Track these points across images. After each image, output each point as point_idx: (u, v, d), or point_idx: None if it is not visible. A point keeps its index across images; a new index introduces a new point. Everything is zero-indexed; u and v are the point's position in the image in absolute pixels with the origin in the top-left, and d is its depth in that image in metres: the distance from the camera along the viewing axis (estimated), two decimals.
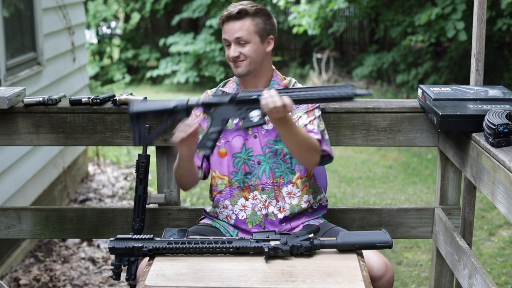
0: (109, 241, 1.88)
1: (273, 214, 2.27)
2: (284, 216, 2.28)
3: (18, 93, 2.60)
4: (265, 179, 2.27)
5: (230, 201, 2.30)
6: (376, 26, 11.20)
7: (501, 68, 9.03)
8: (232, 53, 2.22)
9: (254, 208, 2.28)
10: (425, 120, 2.57)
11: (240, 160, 2.28)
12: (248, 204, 2.28)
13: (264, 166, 2.26)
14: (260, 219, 2.28)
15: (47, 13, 4.88)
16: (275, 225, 2.28)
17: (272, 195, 2.27)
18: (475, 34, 2.50)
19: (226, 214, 2.31)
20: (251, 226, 2.28)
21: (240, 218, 2.28)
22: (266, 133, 2.27)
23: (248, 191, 2.27)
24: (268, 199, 2.27)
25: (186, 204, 5.26)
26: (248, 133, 2.27)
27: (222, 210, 2.32)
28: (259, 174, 2.27)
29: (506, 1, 6.68)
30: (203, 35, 11.45)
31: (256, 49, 2.22)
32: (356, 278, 1.72)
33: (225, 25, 2.24)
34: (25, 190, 4.24)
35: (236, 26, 2.21)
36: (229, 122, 2.22)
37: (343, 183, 5.83)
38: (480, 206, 5.03)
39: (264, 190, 2.27)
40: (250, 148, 2.27)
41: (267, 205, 2.27)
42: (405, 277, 3.88)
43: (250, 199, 2.27)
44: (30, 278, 3.80)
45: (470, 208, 2.58)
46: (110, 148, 7.06)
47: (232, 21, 2.22)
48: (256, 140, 2.27)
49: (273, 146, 2.27)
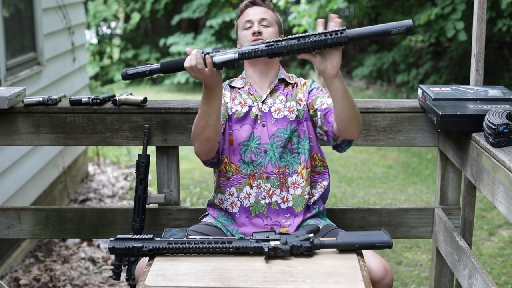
0: (109, 241, 1.88)
1: (276, 203, 2.28)
2: (287, 206, 2.29)
3: (18, 93, 2.60)
4: (270, 167, 2.28)
5: (236, 188, 2.31)
6: None
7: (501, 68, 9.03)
8: (256, 28, 2.31)
9: (257, 196, 2.29)
10: (425, 120, 2.57)
11: (247, 148, 2.29)
12: (252, 192, 2.29)
13: (271, 155, 2.28)
14: (263, 208, 2.29)
15: (47, 13, 4.88)
16: (278, 214, 2.28)
17: (276, 184, 2.28)
18: (475, 34, 2.50)
19: (231, 201, 2.32)
20: (254, 215, 2.29)
21: (244, 205, 2.30)
22: (276, 122, 2.29)
23: (253, 179, 2.29)
24: (272, 188, 2.28)
25: (186, 204, 5.26)
26: (257, 122, 2.30)
27: (228, 197, 2.32)
28: (264, 163, 2.28)
29: (506, 2, 6.68)
30: (204, 35, 11.45)
31: (275, 35, 2.35)
32: (356, 278, 1.72)
33: (249, 9, 2.38)
34: (25, 190, 4.24)
35: (262, 9, 2.37)
36: (237, 110, 2.29)
37: (343, 183, 5.83)
38: (480, 206, 5.03)
39: (268, 179, 2.28)
40: (258, 136, 2.29)
41: (271, 194, 2.28)
42: (405, 277, 3.88)
43: (254, 187, 2.29)
44: (30, 278, 3.80)
45: (470, 208, 2.58)
46: (110, 148, 7.06)
47: (257, 5, 2.38)
48: (264, 129, 2.29)
49: (283, 135, 2.28)
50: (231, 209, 2.32)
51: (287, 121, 2.30)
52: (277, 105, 2.32)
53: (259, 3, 2.38)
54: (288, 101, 2.33)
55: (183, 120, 2.57)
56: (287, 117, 2.30)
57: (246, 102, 2.33)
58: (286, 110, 2.31)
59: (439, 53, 10.61)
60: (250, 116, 2.31)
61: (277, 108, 2.31)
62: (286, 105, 2.32)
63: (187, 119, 2.56)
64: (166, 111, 2.56)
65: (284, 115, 2.30)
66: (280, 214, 2.29)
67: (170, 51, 11.51)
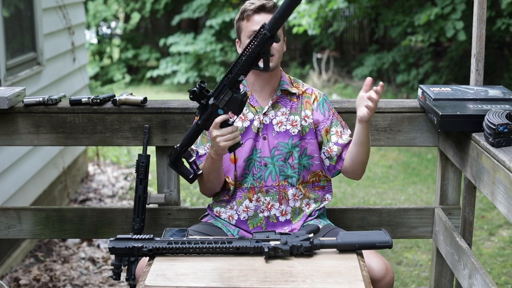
0: (109, 241, 1.88)
1: (275, 216, 2.27)
2: (285, 219, 2.28)
3: (18, 93, 2.60)
4: (270, 181, 2.25)
5: (237, 201, 2.29)
6: (376, 26, 11.20)
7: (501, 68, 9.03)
8: None
9: (256, 210, 2.27)
10: (425, 120, 2.57)
11: (252, 162, 2.26)
12: (251, 206, 2.27)
13: (271, 169, 2.25)
14: (261, 221, 2.27)
15: (47, 13, 4.88)
16: (275, 227, 2.27)
17: (276, 198, 2.26)
18: (475, 34, 2.50)
19: (229, 214, 2.31)
20: (251, 228, 2.28)
21: (241, 219, 2.28)
22: (277, 135, 2.25)
23: (253, 192, 2.27)
24: (271, 202, 2.26)
25: (186, 204, 5.26)
26: (258, 134, 2.25)
27: (228, 210, 2.31)
28: (264, 177, 2.25)
29: (506, 1, 6.68)
30: (204, 35, 11.45)
31: (283, 45, 2.25)
32: (356, 278, 1.72)
33: (257, 16, 2.17)
34: (25, 190, 4.24)
35: (266, 17, 2.12)
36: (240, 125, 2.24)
37: (343, 183, 5.83)
38: (480, 206, 5.03)
39: (268, 192, 2.26)
40: (260, 149, 2.25)
41: (270, 208, 2.27)
42: (405, 277, 3.88)
43: (253, 201, 2.27)
44: (30, 278, 3.80)
45: (470, 208, 2.58)
46: (110, 148, 7.06)
47: (265, 13, 2.17)
48: (265, 142, 2.25)
49: (283, 149, 2.24)
50: (228, 221, 2.32)
51: (289, 135, 2.24)
52: (279, 118, 2.25)
53: (269, 9, 2.16)
54: (292, 115, 2.26)
55: (183, 120, 2.56)
56: (289, 131, 2.24)
57: (247, 116, 2.26)
58: (288, 124, 2.24)
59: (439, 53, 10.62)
60: (252, 130, 2.25)
61: (278, 121, 2.25)
62: (289, 118, 2.25)
63: (187, 119, 2.56)
64: (166, 111, 2.56)
65: (286, 129, 2.24)
66: (278, 227, 2.28)
67: (170, 51, 11.51)
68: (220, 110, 2.00)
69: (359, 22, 12.39)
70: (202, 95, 2.01)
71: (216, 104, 1.99)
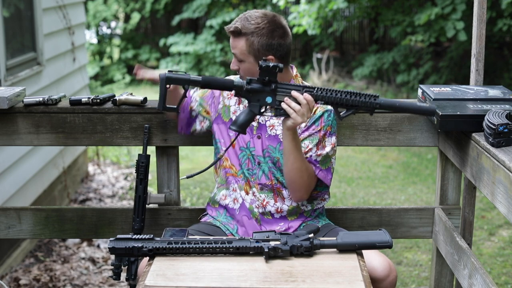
0: (109, 241, 1.88)
1: (270, 213, 2.28)
2: (280, 216, 2.28)
3: (18, 93, 2.60)
4: (264, 179, 2.27)
5: (239, 185, 2.30)
6: (376, 26, 11.20)
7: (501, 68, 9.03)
8: (231, 65, 2.26)
9: (252, 204, 2.28)
10: (425, 120, 2.57)
11: (245, 154, 2.28)
12: (247, 198, 2.29)
13: (263, 168, 2.26)
14: (256, 216, 2.28)
15: (47, 13, 4.88)
16: (270, 224, 2.28)
17: (270, 195, 2.27)
18: (475, 34, 2.50)
19: (234, 196, 2.32)
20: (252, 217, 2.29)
21: (245, 203, 2.29)
22: (269, 137, 2.26)
23: (249, 186, 2.28)
24: (266, 199, 2.27)
25: (186, 204, 5.26)
26: (253, 132, 2.27)
27: (232, 192, 2.32)
28: (258, 174, 2.27)
29: (506, 1, 6.68)
30: (204, 35, 11.45)
31: (249, 69, 2.19)
32: (356, 278, 1.72)
33: (231, 39, 2.23)
34: (25, 190, 4.24)
35: (233, 43, 2.21)
36: None
37: (343, 183, 5.83)
38: (480, 206, 5.03)
39: (262, 190, 2.27)
40: (253, 147, 2.27)
41: (265, 204, 2.27)
42: (405, 277, 3.88)
43: (250, 194, 2.28)
44: (30, 278, 3.80)
45: (470, 208, 2.58)
46: (110, 148, 7.06)
47: (231, 36, 2.22)
48: (258, 141, 2.27)
49: (272, 153, 2.25)
50: (232, 204, 2.32)
51: (278, 140, 2.25)
52: (272, 121, 2.26)
53: (231, 33, 2.20)
54: None
55: None
56: (278, 136, 2.25)
57: None
58: (279, 129, 2.24)
59: (439, 53, 10.62)
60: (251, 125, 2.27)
61: (271, 123, 2.26)
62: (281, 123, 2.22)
63: None
64: None
65: (276, 134, 2.25)
66: (273, 224, 2.28)
67: (170, 51, 11.51)
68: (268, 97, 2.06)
69: (359, 22, 12.39)
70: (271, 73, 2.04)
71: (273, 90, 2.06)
